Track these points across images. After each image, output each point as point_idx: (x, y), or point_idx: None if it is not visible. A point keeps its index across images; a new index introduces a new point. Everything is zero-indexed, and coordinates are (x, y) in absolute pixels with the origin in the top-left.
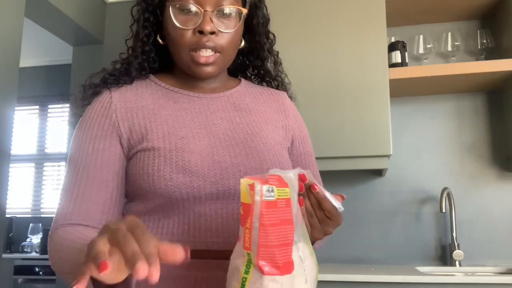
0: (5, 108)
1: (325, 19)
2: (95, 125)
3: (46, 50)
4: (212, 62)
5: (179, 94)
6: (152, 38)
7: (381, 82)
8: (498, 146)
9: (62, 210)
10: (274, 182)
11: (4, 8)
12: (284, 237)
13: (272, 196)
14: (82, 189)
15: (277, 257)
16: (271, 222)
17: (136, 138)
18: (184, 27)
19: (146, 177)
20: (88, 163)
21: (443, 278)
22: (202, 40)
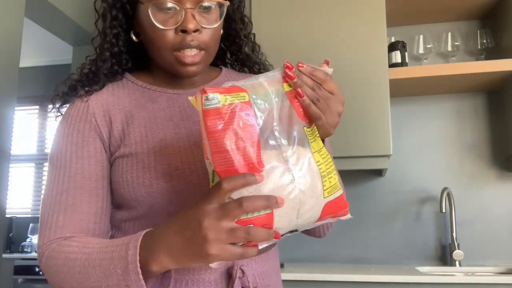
0: (5, 108)
1: (325, 19)
2: (75, 132)
3: (46, 50)
4: (198, 61)
5: (158, 93)
6: (122, 38)
7: (381, 82)
8: (498, 146)
9: (52, 223)
10: (218, 90)
11: (4, 8)
12: (242, 140)
13: (214, 104)
14: (71, 200)
15: (235, 160)
16: (217, 128)
17: (115, 144)
18: (164, 27)
19: (126, 186)
20: (74, 172)
21: (443, 278)
22: (186, 40)
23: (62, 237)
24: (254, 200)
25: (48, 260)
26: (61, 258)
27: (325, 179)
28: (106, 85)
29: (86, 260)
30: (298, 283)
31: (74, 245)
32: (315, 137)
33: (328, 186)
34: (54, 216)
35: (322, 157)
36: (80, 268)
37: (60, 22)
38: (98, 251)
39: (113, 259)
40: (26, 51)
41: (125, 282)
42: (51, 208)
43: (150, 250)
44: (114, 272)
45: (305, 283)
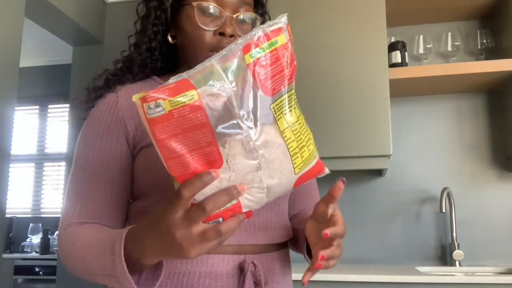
0: (5, 108)
1: (324, 19)
2: (101, 124)
3: (46, 50)
4: None
5: None
6: (159, 36)
7: (381, 82)
8: (498, 146)
9: (70, 209)
10: (161, 95)
11: (4, 8)
12: (195, 141)
13: (159, 112)
14: (89, 188)
15: (191, 163)
16: (167, 134)
17: (141, 135)
18: (206, 28)
19: (150, 171)
20: (94, 161)
21: (443, 278)
22: (223, 42)
23: (78, 222)
24: (215, 199)
25: (63, 243)
26: (71, 244)
27: (296, 156)
28: (136, 78)
29: (87, 250)
30: (298, 283)
31: (83, 233)
32: (290, 108)
33: (300, 162)
34: (73, 203)
35: (294, 132)
36: (82, 256)
37: (60, 22)
38: (95, 245)
39: (104, 254)
40: (26, 51)
41: (114, 273)
42: (72, 195)
43: (138, 247)
44: (105, 264)
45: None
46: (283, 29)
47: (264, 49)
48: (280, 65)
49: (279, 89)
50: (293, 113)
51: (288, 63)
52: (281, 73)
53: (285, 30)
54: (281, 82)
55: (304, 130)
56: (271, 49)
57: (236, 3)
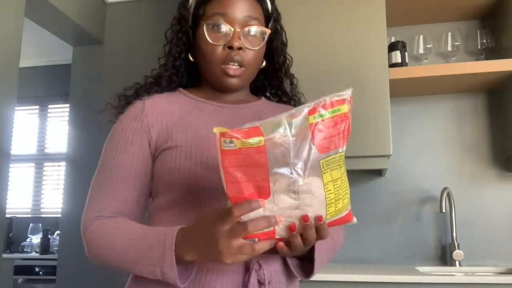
0: (5, 108)
1: (324, 19)
2: (128, 128)
3: (46, 50)
4: (238, 75)
5: (205, 104)
6: (183, 55)
7: (381, 82)
8: (498, 146)
9: (97, 202)
10: (237, 135)
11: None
12: (253, 175)
13: (231, 147)
14: (115, 185)
15: (245, 190)
16: (232, 164)
17: (163, 139)
18: (216, 43)
19: (168, 171)
20: (121, 162)
21: (443, 278)
22: (231, 54)
23: (102, 215)
24: (256, 223)
25: (92, 233)
26: (104, 236)
27: (331, 205)
28: (163, 91)
29: (127, 241)
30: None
31: (117, 226)
32: (337, 166)
33: (333, 211)
34: (100, 198)
35: (335, 186)
36: (121, 246)
37: (60, 22)
38: (140, 235)
39: (152, 246)
40: (26, 51)
41: (160, 264)
42: (98, 191)
43: (185, 245)
44: (151, 255)
45: (305, 283)
46: (346, 101)
47: (326, 114)
48: (337, 130)
49: (331, 149)
50: (338, 170)
51: (345, 130)
52: (336, 136)
53: (348, 102)
54: (335, 143)
55: (344, 186)
56: (333, 115)
57: (244, 18)
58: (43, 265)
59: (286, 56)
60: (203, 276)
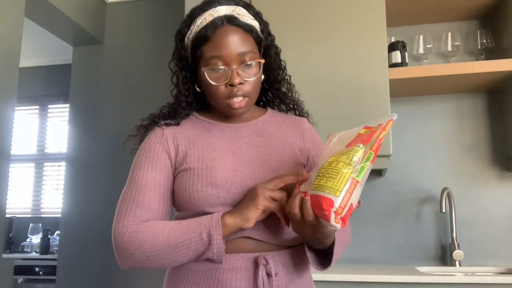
0: (5, 108)
1: (325, 19)
2: (151, 150)
3: (46, 50)
4: (244, 105)
5: (214, 125)
6: (192, 90)
7: (381, 82)
8: (498, 146)
9: (130, 213)
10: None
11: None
12: None
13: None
14: (146, 199)
15: None
16: None
17: (180, 161)
18: (218, 84)
19: (184, 191)
20: (149, 180)
21: (443, 278)
22: (234, 91)
23: (135, 223)
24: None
25: (132, 234)
26: (148, 230)
27: (320, 177)
28: (180, 122)
29: (174, 226)
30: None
31: (157, 222)
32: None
33: (317, 183)
34: (132, 208)
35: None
36: (169, 231)
37: (60, 22)
38: (185, 221)
39: (199, 220)
40: (26, 51)
41: (206, 229)
42: (130, 202)
43: (228, 214)
44: (198, 225)
45: None
46: (389, 124)
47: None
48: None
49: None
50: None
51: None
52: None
53: (390, 124)
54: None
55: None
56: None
57: (239, 55)
58: (43, 265)
59: (280, 65)
60: (221, 275)
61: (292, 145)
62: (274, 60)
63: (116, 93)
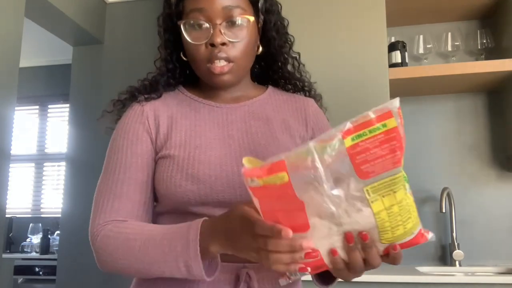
0: (5, 108)
1: (324, 19)
2: (131, 131)
3: (46, 50)
4: (227, 71)
5: (202, 104)
6: (175, 57)
7: (381, 82)
8: (498, 146)
9: (106, 207)
10: (257, 174)
11: (4, 8)
12: (286, 208)
13: (255, 184)
14: (125, 189)
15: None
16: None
17: (160, 145)
18: (197, 42)
19: (161, 182)
20: (128, 165)
21: (443, 278)
22: (214, 52)
23: (116, 220)
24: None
25: (105, 238)
26: (120, 237)
27: (385, 233)
28: (162, 95)
29: (146, 240)
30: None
31: (132, 227)
32: (389, 191)
33: (390, 236)
34: (110, 201)
35: (390, 214)
36: (140, 247)
37: (60, 22)
38: (159, 233)
39: (173, 239)
40: (26, 51)
41: (183, 258)
42: (107, 195)
43: (210, 236)
44: (173, 249)
45: (305, 283)
46: (393, 113)
47: (367, 133)
48: (385, 149)
49: (377, 173)
50: (393, 196)
51: (396, 147)
52: (383, 157)
53: (396, 114)
54: (382, 165)
55: (405, 211)
56: (376, 133)
57: (223, 10)
58: (43, 265)
59: (286, 38)
60: (195, 285)
61: (293, 132)
62: (276, 30)
63: (116, 93)
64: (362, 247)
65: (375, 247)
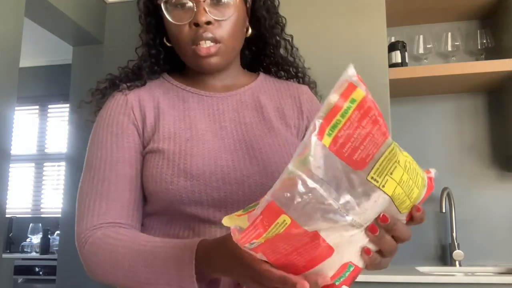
0: (5, 108)
1: (325, 19)
2: (114, 123)
3: (46, 50)
4: (214, 53)
5: (190, 93)
6: (157, 41)
7: (381, 82)
8: (498, 146)
9: (95, 209)
10: (254, 234)
11: (4, 8)
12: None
13: (256, 244)
14: (113, 187)
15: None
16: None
17: (147, 138)
18: (180, 23)
19: (150, 179)
20: (115, 161)
21: (443, 278)
22: (199, 32)
23: (105, 222)
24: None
25: (92, 247)
26: (107, 249)
27: (404, 203)
28: (145, 83)
29: (137, 257)
30: None
31: (121, 238)
32: (393, 165)
33: (408, 203)
34: (97, 203)
35: (403, 186)
36: (129, 264)
37: (60, 22)
38: (151, 251)
39: (167, 262)
40: (26, 51)
41: (178, 283)
42: (93, 195)
43: (207, 261)
44: (166, 272)
45: None
46: (355, 83)
47: (340, 120)
48: (366, 126)
49: (373, 153)
50: (399, 163)
51: (376, 115)
52: (370, 135)
53: (357, 83)
54: (374, 142)
55: (412, 170)
56: (349, 114)
57: None
58: (43, 265)
59: (277, 18)
60: None
61: (288, 121)
62: (266, 9)
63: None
64: (386, 229)
65: (398, 220)
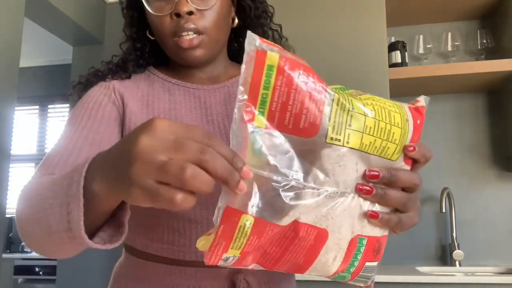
0: (5, 108)
1: (325, 19)
2: (92, 101)
3: (46, 50)
4: (197, 44)
5: (176, 86)
6: (141, 34)
7: (381, 82)
8: (498, 146)
9: (44, 163)
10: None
11: (4, 8)
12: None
13: (232, 260)
14: (75, 145)
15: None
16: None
17: (128, 127)
18: (160, 14)
19: None
20: (85, 134)
21: (443, 278)
22: (181, 23)
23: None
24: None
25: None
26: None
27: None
28: (131, 76)
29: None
30: (298, 283)
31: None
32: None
33: (394, 148)
34: (51, 159)
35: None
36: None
37: (60, 22)
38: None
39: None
40: (26, 51)
41: (67, 199)
42: (51, 154)
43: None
44: (57, 191)
45: (306, 283)
46: (263, 47)
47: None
48: (298, 86)
49: (319, 114)
50: (356, 115)
51: (304, 71)
52: (307, 94)
53: (266, 47)
54: (316, 103)
55: (383, 113)
56: (273, 82)
57: None
58: (43, 265)
59: (264, 7)
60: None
61: None
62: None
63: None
64: (386, 184)
65: (396, 170)
